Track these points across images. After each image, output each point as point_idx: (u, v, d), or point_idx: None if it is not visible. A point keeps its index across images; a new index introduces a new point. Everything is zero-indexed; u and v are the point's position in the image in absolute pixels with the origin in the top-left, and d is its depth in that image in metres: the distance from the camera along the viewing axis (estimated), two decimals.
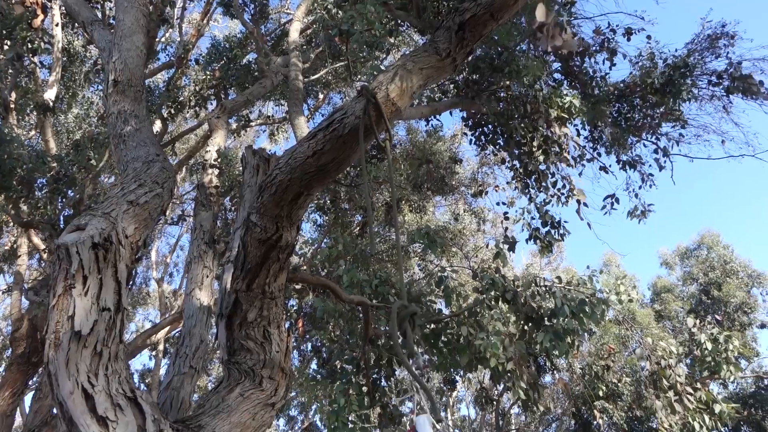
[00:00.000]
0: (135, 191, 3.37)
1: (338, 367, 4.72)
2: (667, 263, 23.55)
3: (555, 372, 17.75)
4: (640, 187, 6.74)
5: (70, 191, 7.74)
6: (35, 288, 9.17)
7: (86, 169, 8.25)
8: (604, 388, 17.07)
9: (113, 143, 4.11)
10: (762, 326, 20.29)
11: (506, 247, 5.50)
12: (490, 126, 6.23)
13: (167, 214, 13.36)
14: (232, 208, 8.29)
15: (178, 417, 3.51)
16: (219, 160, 6.56)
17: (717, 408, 4.50)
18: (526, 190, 6.29)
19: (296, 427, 22.28)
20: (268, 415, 3.30)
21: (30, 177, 7.21)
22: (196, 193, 6.45)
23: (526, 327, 4.49)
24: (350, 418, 4.43)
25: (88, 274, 2.81)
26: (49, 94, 10.63)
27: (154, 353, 16.84)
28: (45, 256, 10.79)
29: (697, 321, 5.52)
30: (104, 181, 12.06)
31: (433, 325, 4.82)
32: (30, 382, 10.73)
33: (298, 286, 5.78)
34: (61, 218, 7.80)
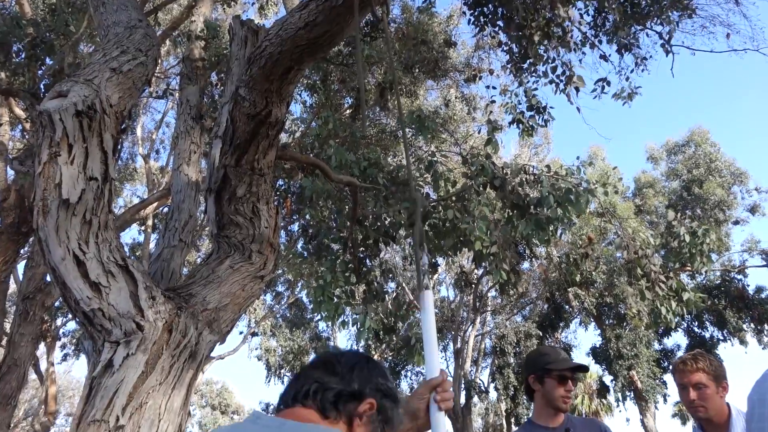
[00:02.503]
0: (118, 58, 3.23)
1: (325, 245, 4.84)
2: (653, 157, 23.72)
3: (534, 259, 18.41)
4: (632, 71, 6.53)
5: (48, 59, 7.42)
6: (20, 158, 9.07)
7: (65, 36, 7.85)
8: (579, 276, 17.82)
9: (92, 5, 3.88)
10: (736, 222, 20.93)
11: (492, 129, 5.41)
12: (490, 6, 5.92)
13: (152, 86, 12.96)
14: (219, 85, 8.05)
15: (169, 286, 3.61)
16: (205, 32, 6.26)
17: (685, 296, 4.73)
18: (519, 75, 6.10)
19: (282, 302, 23.27)
20: (257, 287, 3.41)
21: (5, 41, 6.86)
22: (182, 66, 6.21)
23: (511, 214, 4.57)
24: (336, 293, 4.62)
25: (73, 143, 2.76)
26: None
27: (143, 228, 17.08)
28: (27, 126, 10.56)
29: (678, 214, 5.63)
30: (84, 51, 11.55)
31: (420, 209, 4.89)
32: (21, 251, 10.93)
33: (287, 166, 5.76)
34: (42, 87, 7.54)
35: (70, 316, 16.14)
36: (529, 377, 2.66)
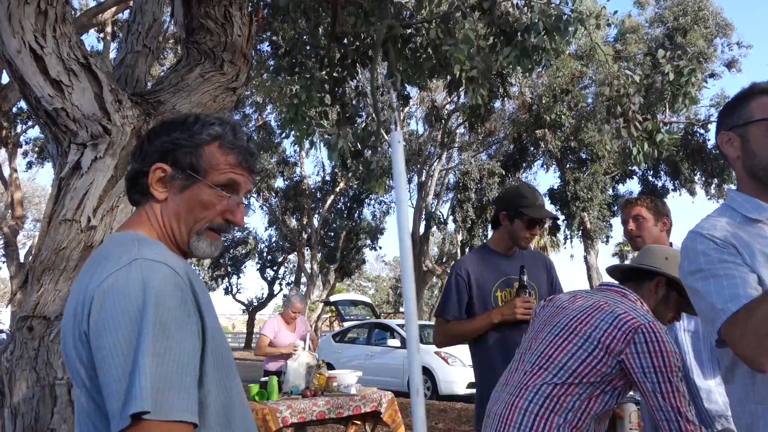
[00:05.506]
0: None
1: (300, 62, 4.61)
2: (640, 2, 22.76)
3: (506, 98, 18.29)
4: None
5: None
6: None
7: None
8: (549, 117, 17.91)
9: None
10: (711, 76, 20.85)
11: None
12: None
13: None
14: None
15: (135, 91, 3.45)
16: None
17: (659, 137, 4.80)
18: None
19: (250, 125, 22.96)
20: (228, 99, 3.30)
21: None
22: None
23: (497, 41, 4.36)
24: (308, 114, 4.50)
25: None
26: None
27: (101, 35, 16.03)
28: None
29: (667, 53, 5.48)
30: None
31: (401, 31, 4.62)
32: None
33: None
34: None
35: (30, 123, 15.68)
36: (501, 213, 2.68)
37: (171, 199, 1.12)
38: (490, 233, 2.86)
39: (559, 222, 21.61)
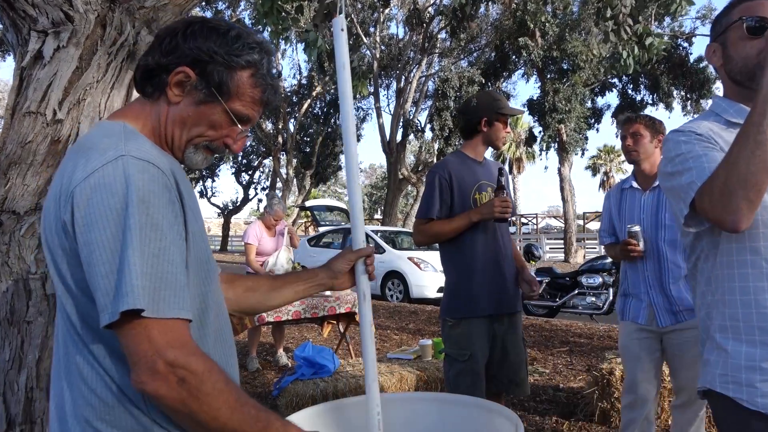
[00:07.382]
0: None
1: None
2: None
3: (490, 2, 17.66)
4: None
5: None
6: None
7: None
8: (533, 24, 17.43)
9: None
10: None
11: None
12: None
13: None
14: None
15: None
16: None
17: (648, 41, 4.70)
18: None
19: (227, 15, 21.95)
20: None
21: None
22: None
23: None
24: (285, 9, 4.27)
25: None
26: None
27: None
28: None
29: None
30: None
31: None
32: None
33: None
34: None
35: None
36: (482, 119, 2.83)
37: (183, 106, 1.09)
38: None
39: (535, 132, 21.62)
